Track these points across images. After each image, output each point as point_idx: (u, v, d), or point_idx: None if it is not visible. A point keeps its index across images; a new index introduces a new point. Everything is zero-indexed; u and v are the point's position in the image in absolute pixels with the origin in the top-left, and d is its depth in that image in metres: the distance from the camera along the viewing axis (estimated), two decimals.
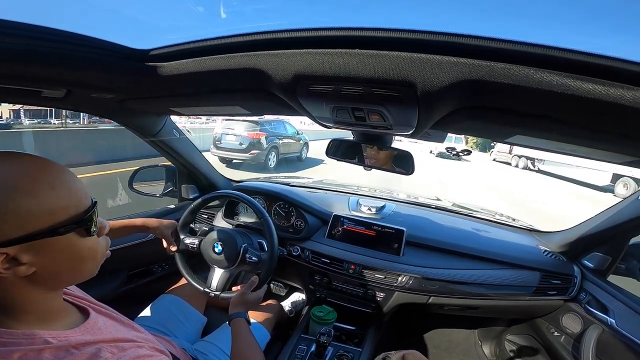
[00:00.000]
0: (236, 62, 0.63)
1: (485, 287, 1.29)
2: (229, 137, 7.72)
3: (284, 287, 1.86)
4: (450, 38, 0.47)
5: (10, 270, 0.44)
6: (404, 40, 0.49)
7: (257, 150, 7.70)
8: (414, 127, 0.77)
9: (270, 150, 8.12)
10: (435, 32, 0.47)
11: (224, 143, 7.77)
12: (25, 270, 0.45)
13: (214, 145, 7.88)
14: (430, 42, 0.48)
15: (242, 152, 7.67)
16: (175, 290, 1.28)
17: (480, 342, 1.80)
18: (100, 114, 1.19)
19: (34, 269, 0.46)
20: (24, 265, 0.45)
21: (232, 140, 7.70)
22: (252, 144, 7.63)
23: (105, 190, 5.11)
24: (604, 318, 1.10)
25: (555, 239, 1.46)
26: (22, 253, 0.44)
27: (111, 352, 0.51)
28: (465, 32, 0.46)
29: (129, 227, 1.11)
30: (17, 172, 0.44)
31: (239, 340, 0.91)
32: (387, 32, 0.49)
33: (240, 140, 7.63)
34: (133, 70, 0.73)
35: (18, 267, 0.44)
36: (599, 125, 0.57)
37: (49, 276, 0.48)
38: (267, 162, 8.04)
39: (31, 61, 0.64)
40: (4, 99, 0.89)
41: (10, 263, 0.43)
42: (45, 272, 0.47)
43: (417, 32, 0.48)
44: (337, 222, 1.48)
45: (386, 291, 1.34)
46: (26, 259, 0.44)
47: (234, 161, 8.08)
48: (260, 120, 7.99)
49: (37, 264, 0.46)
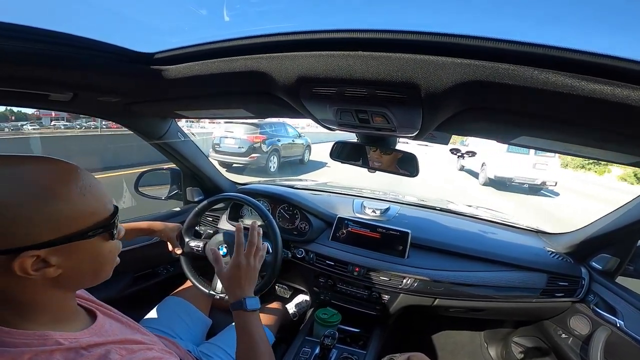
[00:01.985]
0: (240, 65, 0.64)
1: (491, 289, 1.28)
2: (228, 141, 7.52)
3: (289, 290, 1.86)
4: (454, 39, 0.47)
5: (40, 272, 0.45)
6: (407, 41, 0.49)
7: (257, 154, 7.50)
8: (418, 129, 0.77)
9: (271, 154, 7.92)
10: (439, 34, 0.47)
11: (223, 147, 7.59)
12: (53, 272, 0.47)
13: (213, 149, 7.69)
14: (434, 43, 0.48)
15: (242, 156, 7.47)
16: (181, 293, 1.29)
17: (486, 344, 1.78)
18: (106, 118, 1.20)
19: (60, 271, 0.48)
20: (53, 267, 0.46)
21: (231, 143, 7.51)
22: (251, 147, 7.43)
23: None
24: (613, 320, 1.09)
25: (563, 240, 1.44)
26: (51, 255, 0.46)
27: (120, 354, 0.51)
28: (468, 33, 0.46)
29: (135, 230, 1.12)
30: (52, 177, 0.46)
31: (240, 334, 0.81)
32: (390, 34, 0.49)
33: (240, 144, 7.44)
34: (138, 74, 0.73)
35: (47, 268, 0.46)
36: (605, 126, 0.57)
37: (72, 278, 0.51)
38: (268, 165, 7.86)
39: (38, 64, 0.65)
40: (12, 102, 0.90)
41: (40, 265, 0.45)
42: (70, 274, 0.49)
43: (420, 33, 0.48)
44: (342, 224, 1.48)
45: (391, 293, 1.34)
46: (55, 261, 0.46)
47: (234, 165, 7.85)
48: (260, 123, 7.80)
49: (64, 266, 0.48)
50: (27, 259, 0.43)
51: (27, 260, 0.43)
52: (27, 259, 0.43)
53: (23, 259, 0.42)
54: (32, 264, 0.44)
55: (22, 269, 0.43)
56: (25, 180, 0.44)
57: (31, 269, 0.44)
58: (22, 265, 0.43)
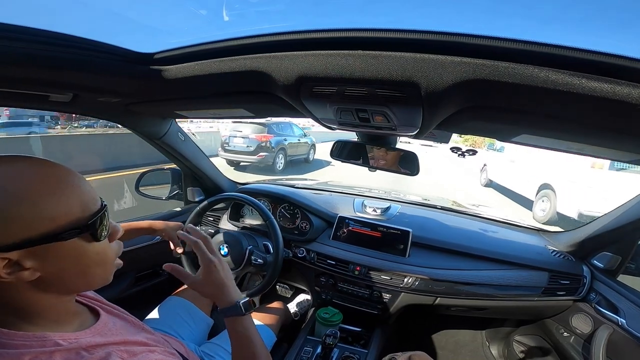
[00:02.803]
0: (239, 64, 0.64)
1: (492, 288, 1.28)
2: (237, 140, 7.78)
3: (290, 289, 1.86)
4: (453, 38, 0.47)
5: (13, 275, 0.43)
6: (407, 40, 0.49)
7: (264, 153, 7.72)
8: (418, 128, 0.77)
9: (278, 153, 8.12)
10: (438, 32, 0.47)
11: (232, 145, 7.83)
12: (29, 275, 0.45)
13: (222, 147, 7.97)
14: (433, 42, 0.48)
15: (250, 155, 7.70)
16: (182, 293, 1.29)
17: (488, 343, 1.78)
18: (107, 118, 1.20)
19: (38, 274, 0.45)
20: (28, 271, 0.44)
21: (239, 142, 7.76)
22: (259, 146, 7.67)
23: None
24: (615, 318, 1.09)
25: (564, 238, 1.44)
26: (24, 258, 0.44)
27: (121, 356, 0.51)
28: (468, 31, 0.46)
29: (136, 230, 1.12)
30: (17, 177, 0.44)
31: (238, 340, 0.77)
32: (389, 33, 0.49)
33: (248, 143, 7.68)
34: (138, 74, 0.73)
35: (21, 272, 0.44)
36: (606, 124, 0.57)
37: (56, 281, 0.48)
38: (275, 164, 8.06)
39: (39, 65, 0.65)
40: (12, 103, 0.90)
41: (13, 268, 0.43)
42: (52, 277, 0.47)
43: (420, 32, 0.48)
44: (342, 223, 1.48)
45: (392, 292, 1.34)
46: (29, 264, 0.44)
47: (242, 164, 8.12)
48: (268, 123, 8.04)
49: (41, 269, 0.45)
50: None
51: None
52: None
53: None
54: (4, 267, 0.42)
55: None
56: None
57: (3, 272, 0.42)
58: None
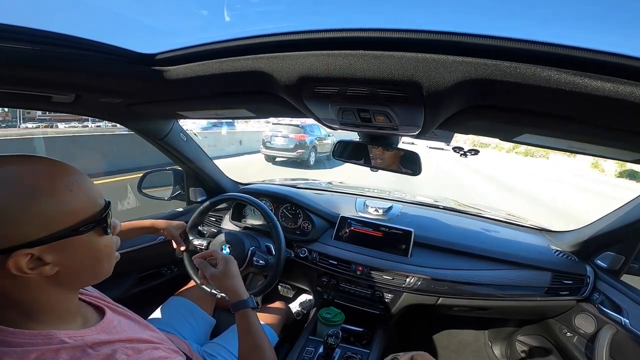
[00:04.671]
0: (241, 65, 0.64)
1: (495, 288, 1.28)
2: (278, 139, 9.34)
3: (292, 289, 1.86)
4: (456, 37, 0.47)
5: (36, 270, 0.45)
6: (409, 40, 0.49)
7: (302, 150, 9.28)
8: (420, 127, 0.77)
9: (311, 150, 9.65)
10: (440, 32, 0.47)
11: (274, 144, 9.42)
12: (49, 270, 0.47)
13: (263, 145, 9.52)
14: (435, 41, 0.48)
15: (290, 152, 9.30)
16: (184, 293, 1.29)
17: (490, 343, 1.77)
18: (109, 119, 1.21)
19: (57, 269, 0.48)
20: (49, 265, 0.47)
21: (280, 141, 9.34)
22: (297, 144, 9.24)
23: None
24: (618, 318, 1.08)
25: (567, 238, 1.43)
26: (46, 253, 0.46)
27: (126, 353, 0.52)
28: (469, 31, 0.45)
29: (138, 229, 1.12)
30: (36, 175, 0.46)
31: (245, 334, 0.83)
32: (391, 33, 0.49)
33: (288, 142, 9.25)
34: (140, 75, 0.74)
35: (43, 267, 0.46)
36: (609, 123, 0.56)
37: (70, 275, 0.51)
38: (309, 159, 9.62)
39: (41, 66, 0.65)
40: (15, 104, 0.90)
41: (36, 263, 0.45)
42: (68, 272, 0.50)
43: (422, 31, 0.47)
44: (344, 223, 1.48)
45: (394, 292, 1.34)
46: (50, 259, 0.46)
47: (277, 159, 9.85)
48: (303, 124, 9.49)
49: (60, 263, 0.48)
50: (21, 257, 0.43)
51: (21, 259, 0.43)
52: (20, 258, 0.43)
53: (17, 258, 0.43)
54: (27, 262, 0.44)
55: (18, 268, 0.43)
56: (10, 180, 0.44)
57: (27, 268, 0.44)
58: (17, 265, 0.43)
